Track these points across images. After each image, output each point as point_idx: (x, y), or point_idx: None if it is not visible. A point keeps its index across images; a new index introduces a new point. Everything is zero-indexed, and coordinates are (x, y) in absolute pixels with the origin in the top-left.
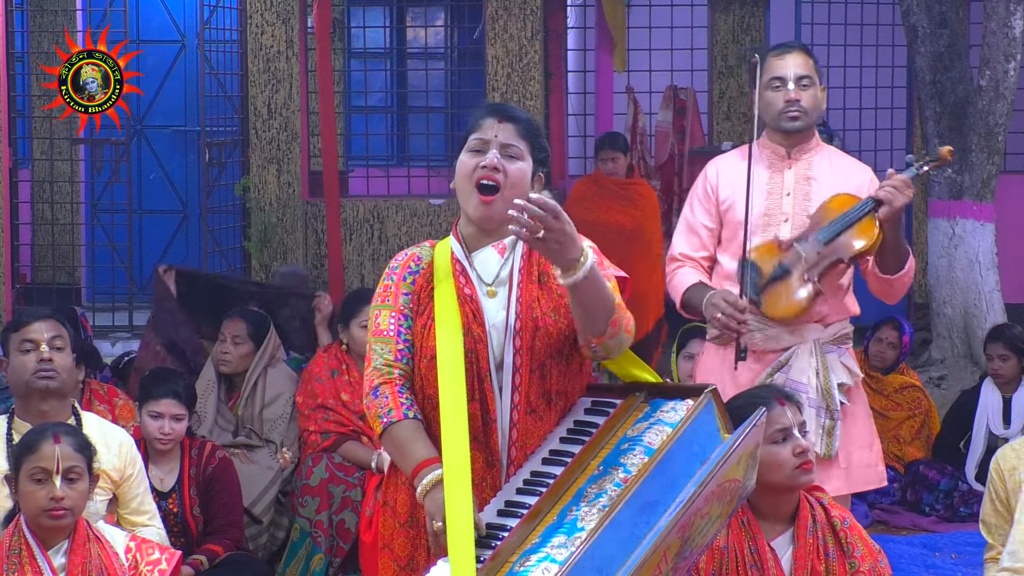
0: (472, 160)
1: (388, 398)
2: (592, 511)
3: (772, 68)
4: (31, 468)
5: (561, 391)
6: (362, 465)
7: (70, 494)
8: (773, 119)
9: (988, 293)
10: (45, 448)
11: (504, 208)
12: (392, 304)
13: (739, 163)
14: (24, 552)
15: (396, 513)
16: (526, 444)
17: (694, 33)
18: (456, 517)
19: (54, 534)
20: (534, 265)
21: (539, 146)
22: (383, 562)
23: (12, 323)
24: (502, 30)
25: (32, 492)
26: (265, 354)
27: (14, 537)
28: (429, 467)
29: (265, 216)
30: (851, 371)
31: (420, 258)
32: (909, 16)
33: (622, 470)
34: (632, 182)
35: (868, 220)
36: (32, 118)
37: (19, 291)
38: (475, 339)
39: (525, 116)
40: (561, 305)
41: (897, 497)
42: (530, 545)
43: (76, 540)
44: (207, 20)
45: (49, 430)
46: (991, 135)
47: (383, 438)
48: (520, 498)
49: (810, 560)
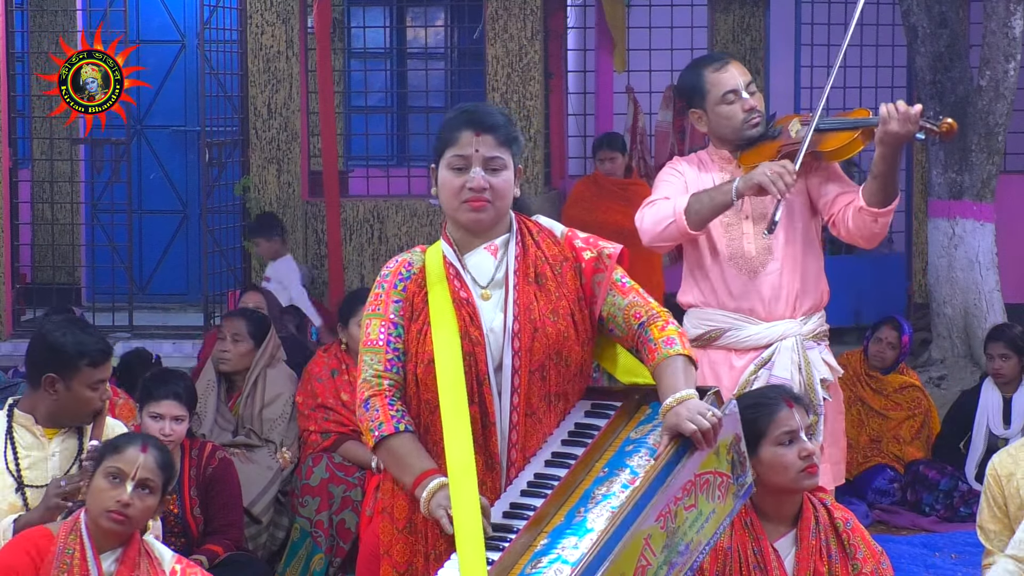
0: (456, 179)
1: (379, 411)
2: (602, 512)
3: (719, 83)
4: (110, 466)
5: (560, 392)
6: (362, 465)
7: (137, 504)
8: (734, 131)
9: (988, 293)
10: (130, 452)
11: (495, 214)
12: (382, 313)
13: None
14: (77, 552)
15: (394, 520)
16: (526, 446)
17: (694, 33)
18: (464, 517)
19: (110, 538)
20: (529, 266)
21: (517, 144)
22: (383, 569)
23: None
24: (502, 30)
25: (103, 489)
26: (265, 353)
27: (70, 536)
28: (430, 477)
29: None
30: (832, 367)
31: (411, 264)
32: (909, 16)
33: (628, 471)
34: (631, 182)
35: (859, 132)
36: (32, 118)
37: (19, 291)
38: (473, 342)
39: (500, 120)
40: (559, 307)
41: (897, 497)
42: (540, 547)
43: (129, 551)
44: (207, 20)
45: (140, 439)
46: (991, 135)
47: (377, 451)
48: (525, 500)
49: (813, 561)
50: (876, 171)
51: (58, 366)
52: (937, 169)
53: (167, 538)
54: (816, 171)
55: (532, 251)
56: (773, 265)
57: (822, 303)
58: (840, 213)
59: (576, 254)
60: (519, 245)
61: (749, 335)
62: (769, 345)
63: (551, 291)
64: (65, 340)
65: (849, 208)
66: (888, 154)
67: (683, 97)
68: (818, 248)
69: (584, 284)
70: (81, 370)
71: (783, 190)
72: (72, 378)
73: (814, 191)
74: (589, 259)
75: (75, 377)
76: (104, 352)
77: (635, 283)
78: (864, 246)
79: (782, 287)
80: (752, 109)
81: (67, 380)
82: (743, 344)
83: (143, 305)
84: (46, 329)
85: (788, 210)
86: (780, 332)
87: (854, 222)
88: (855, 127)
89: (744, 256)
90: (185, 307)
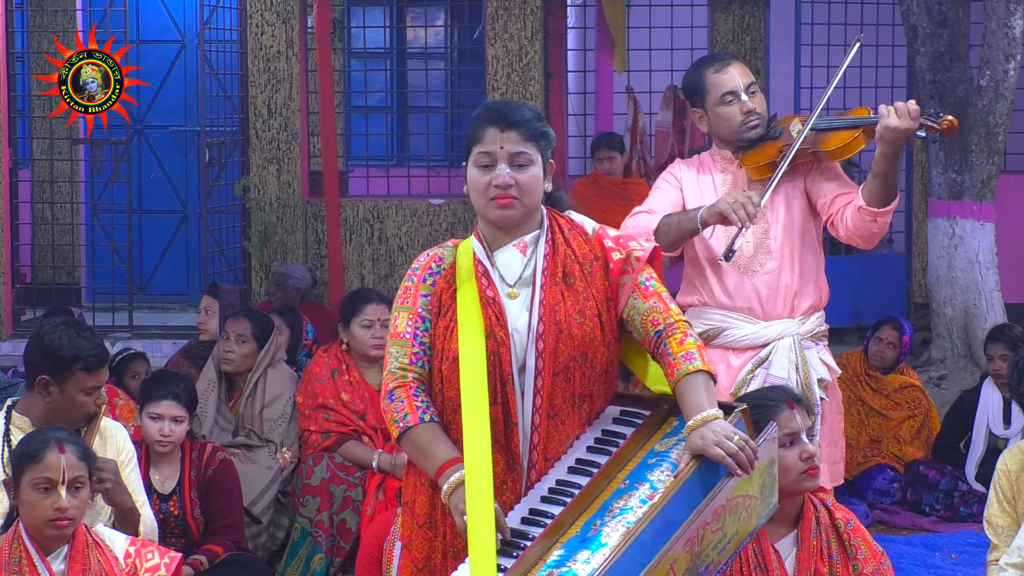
0: (483, 177)
1: (403, 402)
2: (618, 527)
3: (719, 84)
4: (35, 478)
5: (586, 394)
6: (363, 465)
7: (74, 503)
8: (732, 132)
9: (988, 293)
10: (50, 458)
11: (523, 210)
12: (410, 306)
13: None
14: (24, 559)
15: (415, 514)
16: (548, 448)
17: (694, 33)
18: (477, 524)
19: (54, 541)
20: (558, 265)
21: (546, 139)
22: (401, 561)
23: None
24: (502, 30)
25: (36, 502)
26: (268, 354)
27: (13, 544)
28: (453, 467)
29: (265, 216)
30: (829, 367)
31: (442, 259)
32: (909, 16)
33: (648, 486)
34: (629, 182)
35: (860, 131)
36: (32, 118)
37: (19, 291)
38: (497, 342)
39: (526, 115)
40: (586, 307)
41: (897, 497)
42: (553, 558)
43: (76, 546)
44: (207, 20)
45: (52, 438)
46: (991, 135)
47: (401, 442)
48: (544, 507)
49: (814, 562)
50: (876, 170)
51: (52, 368)
52: (937, 169)
53: (167, 539)
54: (816, 171)
55: (562, 249)
56: (771, 265)
57: (821, 303)
58: (839, 213)
59: (605, 254)
60: (549, 243)
61: (746, 334)
62: (766, 344)
63: (579, 291)
64: (61, 343)
65: (848, 208)
66: (889, 152)
67: (685, 96)
68: (818, 248)
69: (611, 284)
70: (75, 374)
71: (744, 219)
72: (66, 381)
73: (813, 191)
74: (617, 260)
75: (69, 380)
76: (100, 358)
77: (660, 286)
78: (863, 246)
79: (780, 287)
80: (751, 111)
81: (61, 383)
82: (740, 343)
83: (143, 305)
84: (44, 331)
85: (787, 210)
86: (778, 332)
87: (853, 222)
88: (856, 126)
89: (742, 255)
90: (185, 307)
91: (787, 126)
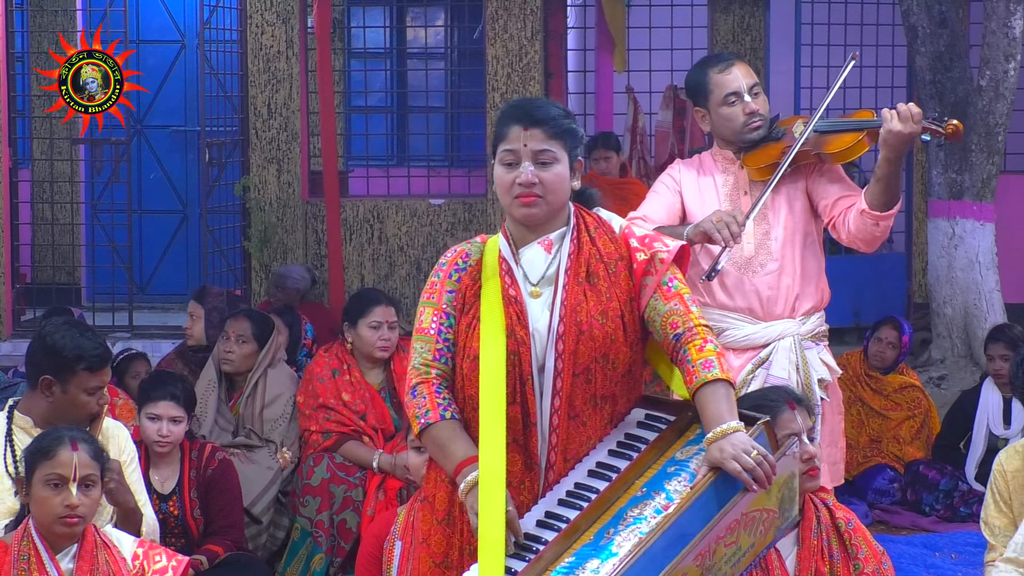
0: (508, 175)
1: (425, 398)
2: (630, 536)
3: (722, 84)
4: (47, 474)
5: (608, 395)
6: (363, 465)
7: (85, 501)
8: (735, 133)
9: (988, 293)
10: (63, 455)
11: (547, 208)
12: (436, 302)
13: (692, 173)
14: (32, 557)
15: (435, 510)
16: (566, 449)
17: (694, 33)
18: (487, 527)
19: (64, 540)
20: (582, 264)
21: (572, 136)
22: (419, 556)
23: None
24: (502, 30)
25: (47, 498)
26: (268, 354)
27: (23, 542)
28: (471, 465)
29: (265, 216)
30: (830, 367)
31: (468, 255)
32: (909, 16)
33: (664, 496)
34: (626, 181)
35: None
36: (32, 118)
37: (19, 291)
38: (518, 341)
39: (551, 112)
40: (609, 308)
41: (897, 497)
42: (564, 564)
43: (84, 546)
44: (207, 20)
45: (66, 436)
46: (991, 135)
47: (422, 439)
48: (561, 510)
49: (814, 561)
50: (879, 174)
51: (55, 368)
52: (937, 169)
53: (167, 539)
54: (818, 172)
55: (587, 248)
56: (772, 265)
57: (822, 304)
58: (841, 216)
59: (630, 253)
60: (574, 242)
61: (747, 335)
62: (767, 345)
63: (602, 291)
64: (64, 343)
65: (850, 211)
66: (892, 156)
67: (688, 96)
68: (819, 249)
69: (635, 284)
70: (77, 374)
71: (727, 238)
72: (68, 381)
73: (815, 193)
74: (641, 261)
75: (71, 380)
76: (102, 358)
77: (683, 287)
78: (864, 249)
79: (780, 287)
80: (753, 112)
81: (63, 383)
82: (741, 344)
83: (143, 305)
84: (46, 330)
85: (789, 211)
86: (778, 332)
87: (855, 225)
88: (860, 128)
89: (742, 256)
90: (185, 307)
91: (790, 127)
